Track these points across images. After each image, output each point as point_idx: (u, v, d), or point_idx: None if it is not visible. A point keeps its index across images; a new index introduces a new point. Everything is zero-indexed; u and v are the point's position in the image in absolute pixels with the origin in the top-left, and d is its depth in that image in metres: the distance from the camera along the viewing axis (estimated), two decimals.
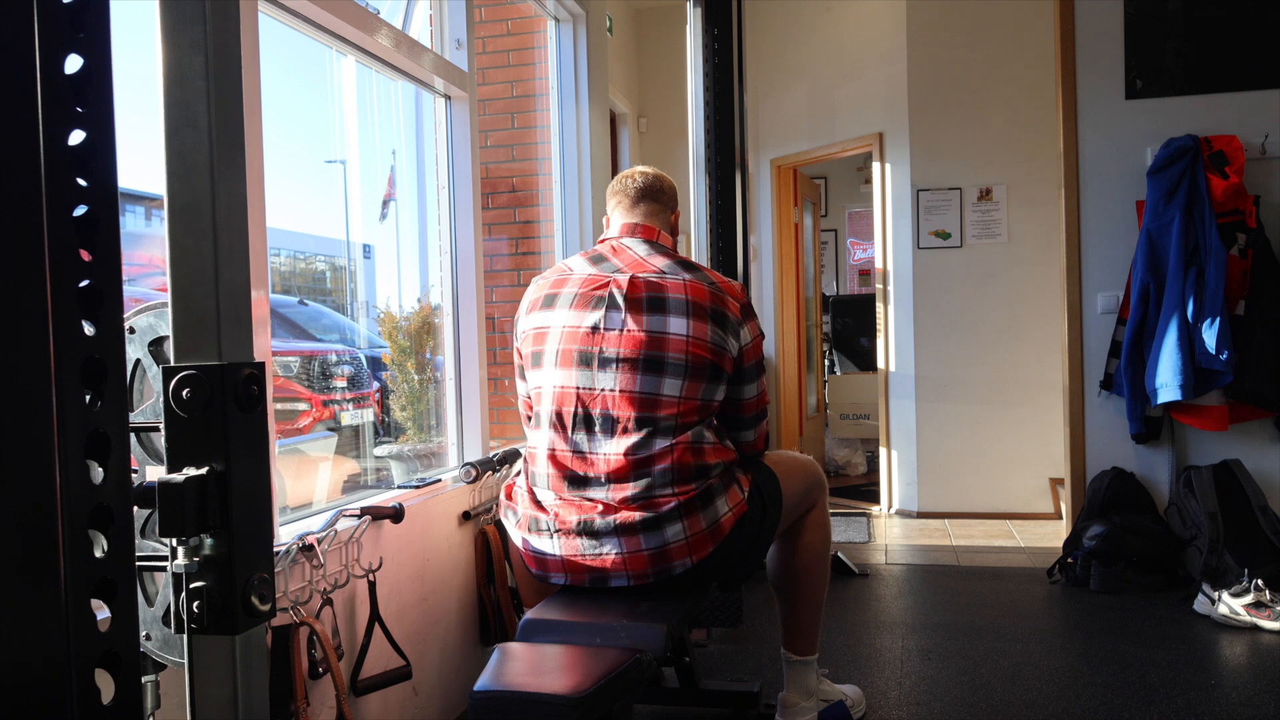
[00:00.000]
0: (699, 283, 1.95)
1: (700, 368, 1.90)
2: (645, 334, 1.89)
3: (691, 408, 1.90)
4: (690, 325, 1.90)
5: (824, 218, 8.25)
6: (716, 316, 1.93)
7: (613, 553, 1.88)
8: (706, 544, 1.89)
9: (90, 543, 0.62)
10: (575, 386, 1.92)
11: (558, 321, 1.96)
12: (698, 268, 2.00)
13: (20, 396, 0.58)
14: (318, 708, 1.92)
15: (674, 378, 1.89)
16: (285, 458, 2.59)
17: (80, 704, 0.60)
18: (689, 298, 1.92)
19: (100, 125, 0.63)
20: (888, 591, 3.65)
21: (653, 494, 1.87)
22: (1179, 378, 3.51)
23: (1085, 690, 2.58)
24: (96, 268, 0.63)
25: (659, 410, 1.88)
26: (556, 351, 1.95)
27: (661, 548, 1.87)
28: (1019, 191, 4.88)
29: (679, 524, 1.87)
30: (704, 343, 1.91)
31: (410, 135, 3.04)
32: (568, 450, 1.92)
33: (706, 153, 3.29)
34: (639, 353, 1.89)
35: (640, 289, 1.93)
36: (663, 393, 1.88)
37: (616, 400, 1.89)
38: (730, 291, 1.99)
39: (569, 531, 1.89)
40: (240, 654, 0.74)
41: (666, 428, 1.89)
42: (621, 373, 1.89)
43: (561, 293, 1.98)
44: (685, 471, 1.88)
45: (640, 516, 1.86)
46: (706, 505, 1.90)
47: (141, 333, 1.18)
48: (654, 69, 5.76)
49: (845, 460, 6.52)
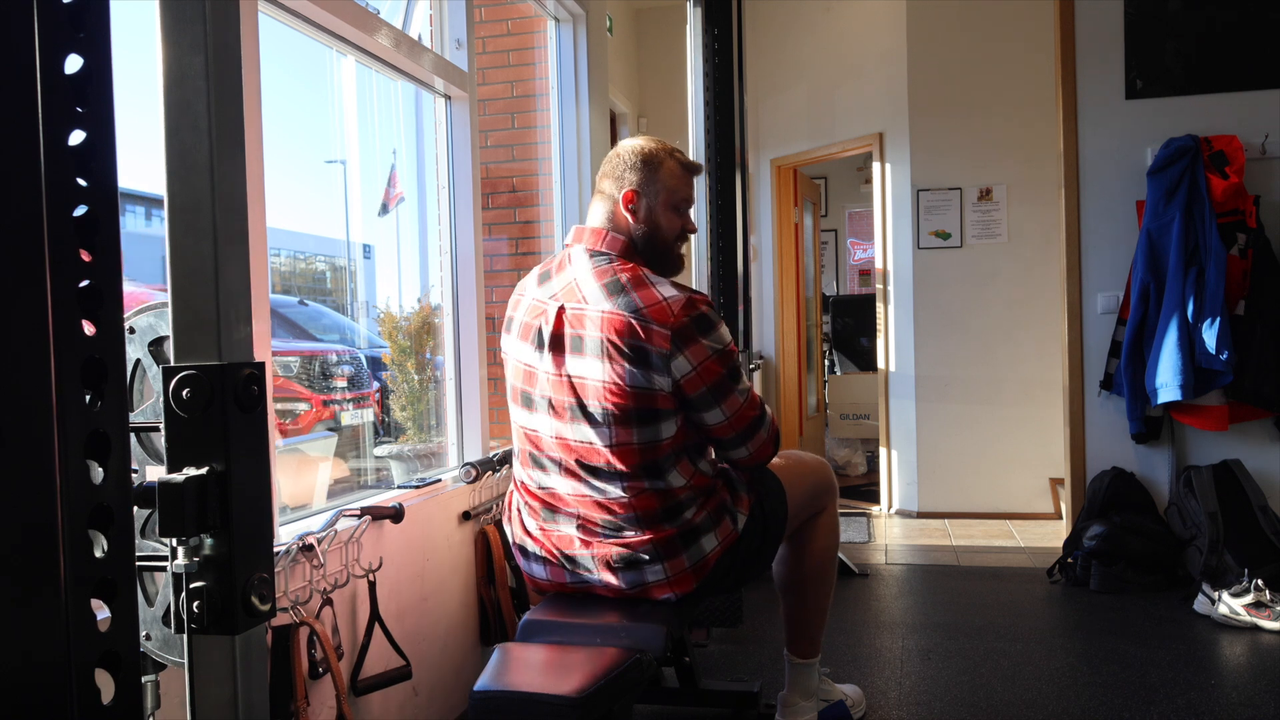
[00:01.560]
0: (619, 315, 1.73)
1: (625, 414, 1.74)
2: (567, 379, 1.78)
3: (630, 453, 1.76)
4: (606, 369, 1.73)
5: (824, 218, 8.25)
6: (635, 354, 1.72)
7: (596, 581, 1.84)
8: (690, 581, 1.80)
9: (90, 543, 0.62)
10: (523, 426, 1.88)
11: (511, 351, 1.91)
12: (627, 288, 1.76)
13: (20, 396, 0.58)
14: (318, 708, 1.92)
15: (602, 426, 1.75)
16: (285, 457, 2.59)
17: (80, 704, 0.60)
18: (604, 337, 1.74)
19: (100, 125, 0.63)
20: (888, 591, 3.65)
21: (623, 535, 1.79)
22: (1179, 377, 3.51)
23: (1085, 690, 2.58)
24: (96, 268, 0.63)
25: (597, 460, 1.78)
26: (511, 386, 1.92)
27: (641, 585, 1.80)
28: (1019, 191, 4.88)
29: (659, 565, 1.78)
30: (621, 388, 1.73)
31: (410, 135, 3.05)
32: (535, 483, 1.88)
33: (706, 153, 3.29)
34: (565, 399, 1.78)
35: (562, 325, 1.80)
36: (595, 443, 1.77)
37: (557, 445, 1.81)
38: (659, 318, 1.72)
39: (555, 562, 1.86)
40: (240, 654, 0.74)
41: (612, 475, 1.77)
42: (555, 419, 1.80)
43: (515, 318, 1.92)
44: (651, 516, 1.78)
45: (616, 554, 1.79)
46: (690, 544, 1.80)
47: (141, 333, 1.18)
48: (654, 69, 5.76)
49: (845, 460, 6.51)
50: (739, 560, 1.87)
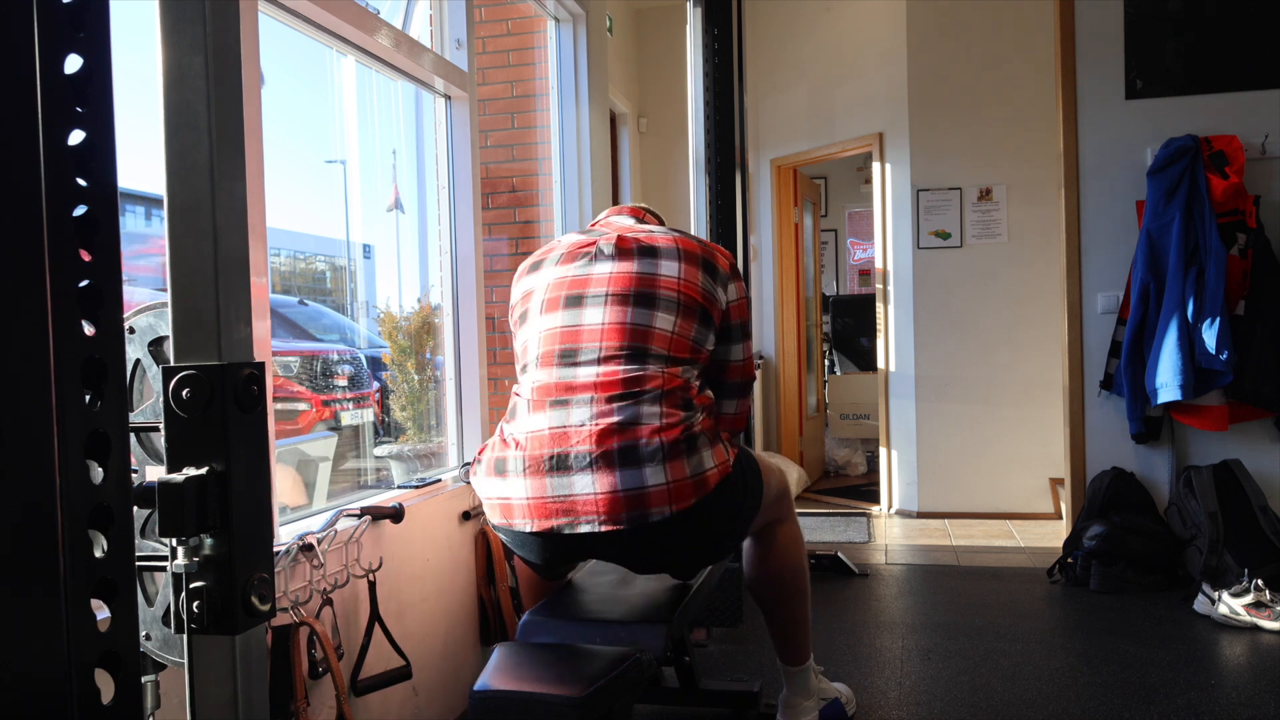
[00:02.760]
0: (687, 239, 1.96)
1: (692, 307, 1.87)
2: (636, 274, 1.88)
3: (684, 344, 1.85)
4: (682, 268, 1.90)
5: (824, 218, 8.25)
6: (707, 265, 1.93)
7: (584, 492, 1.71)
8: (689, 494, 1.73)
9: (90, 543, 0.62)
10: (561, 326, 1.86)
11: (543, 279, 1.95)
12: (684, 232, 2.01)
13: (20, 396, 0.58)
14: (318, 708, 1.92)
15: (667, 313, 1.85)
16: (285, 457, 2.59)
17: (80, 704, 0.60)
18: (679, 246, 1.93)
19: (100, 125, 0.63)
20: (888, 591, 3.65)
21: (638, 418, 1.73)
22: (1179, 378, 3.51)
23: (1085, 690, 2.58)
24: (96, 268, 0.63)
25: (651, 341, 1.82)
26: (542, 301, 1.92)
27: (639, 490, 1.70)
28: (1019, 191, 4.88)
29: (660, 466, 1.71)
30: (695, 285, 1.89)
31: (410, 135, 3.05)
32: (552, 380, 1.82)
33: (706, 153, 3.29)
34: (630, 289, 1.86)
35: (629, 241, 1.94)
36: (655, 325, 1.83)
37: (606, 332, 1.82)
38: (717, 250, 2.00)
39: (538, 467, 1.74)
40: (240, 654, 0.74)
41: (658, 356, 1.81)
42: (611, 306, 1.84)
43: (548, 257, 1.99)
44: (674, 398, 1.78)
45: (619, 445, 1.71)
46: (691, 452, 1.75)
47: (141, 333, 1.18)
48: (654, 69, 5.76)
49: (845, 460, 6.51)
50: (726, 499, 1.82)
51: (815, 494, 5.83)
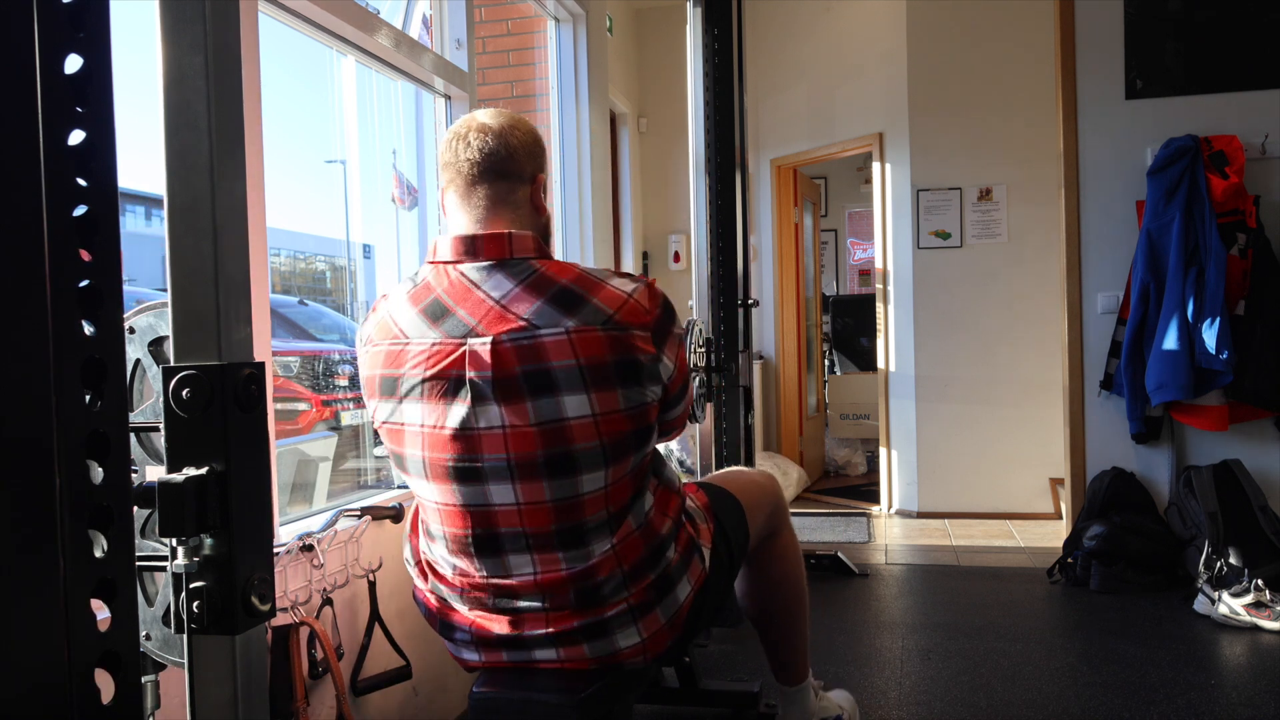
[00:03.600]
0: (589, 329, 1.40)
1: (623, 444, 1.45)
2: (536, 429, 1.40)
3: (623, 487, 1.48)
4: (594, 401, 1.41)
5: (824, 218, 8.25)
6: (625, 372, 1.42)
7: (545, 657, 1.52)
8: (665, 639, 1.53)
9: (90, 543, 0.62)
10: (462, 505, 1.47)
11: (411, 420, 1.46)
12: (583, 297, 1.42)
13: (20, 396, 0.58)
14: (318, 708, 1.92)
15: (593, 470, 1.44)
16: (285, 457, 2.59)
17: (80, 704, 0.60)
18: (582, 363, 1.39)
19: (100, 125, 0.63)
20: (888, 591, 3.65)
21: (601, 602, 1.49)
22: (1179, 377, 3.51)
23: (1085, 690, 2.58)
24: (96, 268, 0.63)
25: (584, 514, 1.45)
26: (423, 461, 1.47)
27: (611, 654, 1.51)
28: (1019, 191, 4.88)
29: (632, 628, 1.49)
30: (618, 415, 1.43)
31: (410, 135, 3.04)
32: (479, 578, 1.50)
33: (706, 153, 3.29)
34: (537, 454, 1.41)
35: (510, 363, 1.39)
36: (584, 491, 1.44)
37: (525, 515, 1.44)
38: (634, 317, 1.43)
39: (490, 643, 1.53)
40: (240, 654, 0.74)
41: (599, 526, 1.46)
42: (520, 484, 1.43)
43: (403, 375, 1.45)
44: (639, 566, 1.49)
45: (582, 625, 1.48)
46: (665, 595, 1.52)
47: (141, 332, 1.18)
48: (654, 69, 5.76)
49: (845, 460, 6.51)
50: (707, 602, 1.61)
51: (815, 494, 5.83)
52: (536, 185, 1.54)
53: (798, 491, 5.68)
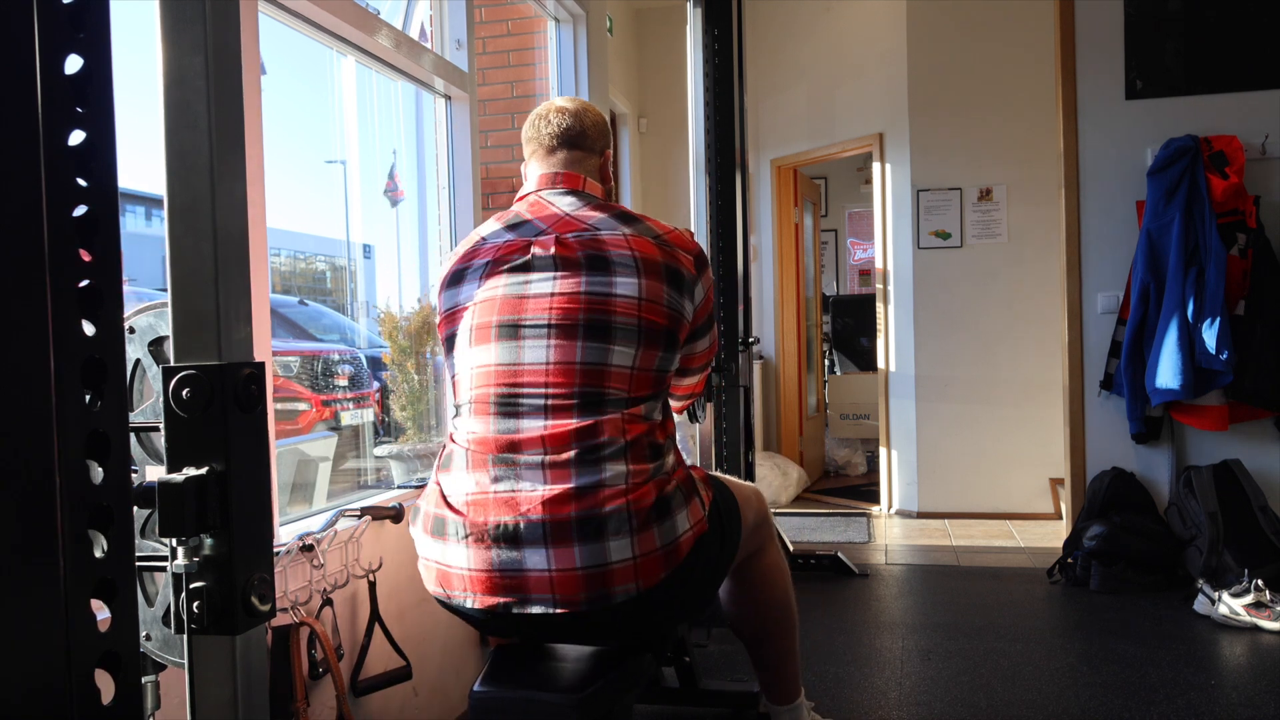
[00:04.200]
0: (643, 237, 1.61)
1: (656, 333, 1.57)
2: (585, 296, 1.55)
3: (647, 380, 1.57)
4: (643, 285, 1.57)
5: (824, 218, 8.25)
6: (671, 275, 1.60)
7: (537, 568, 1.47)
8: (658, 569, 1.50)
9: (90, 543, 0.62)
10: (495, 364, 1.56)
11: (469, 297, 1.62)
12: (639, 219, 1.65)
13: (20, 396, 0.58)
14: (318, 708, 1.92)
15: (625, 345, 1.54)
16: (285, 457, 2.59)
17: (80, 704, 0.60)
18: (636, 254, 1.59)
19: (100, 125, 0.63)
20: (888, 591, 3.65)
21: (600, 482, 1.48)
22: (1179, 377, 3.51)
23: (1085, 690, 2.58)
24: (96, 268, 0.63)
25: (607, 383, 1.53)
26: (470, 329, 1.60)
27: (601, 567, 1.46)
28: (1019, 191, 4.88)
29: (627, 539, 1.47)
30: (659, 306, 1.57)
31: (410, 135, 3.04)
32: (490, 434, 1.54)
33: (706, 153, 3.29)
34: (578, 316, 1.54)
35: (573, 247, 1.59)
36: (612, 363, 1.53)
37: (551, 374, 1.52)
38: (680, 243, 1.65)
39: (482, 537, 1.49)
40: (240, 654, 0.74)
41: (616, 400, 1.53)
42: (555, 341, 1.53)
43: (472, 265, 1.64)
44: (640, 450, 1.52)
45: (577, 514, 1.46)
46: (663, 516, 1.51)
47: (141, 332, 1.18)
48: (654, 69, 5.76)
49: (845, 460, 6.52)
50: (701, 564, 1.60)
51: (815, 494, 5.83)
52: (605, 159, 1.79)
53: (798, 491, 5.68)
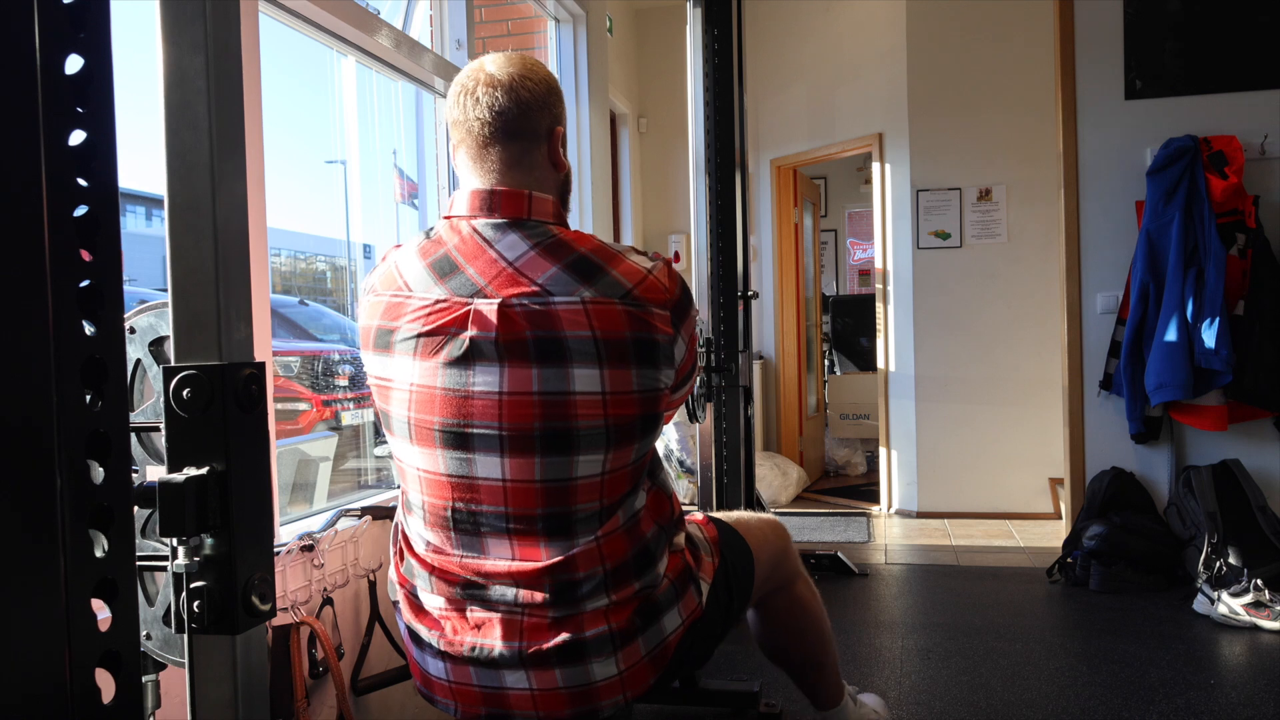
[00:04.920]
0: (606, 301, 1.29)
1: (628, 429, 1.33)
2: (539, 398, 1.28)
3: (621, 478, 1.35)
4: (605, 377, 1.29)
5: (824, 218, 8.25)
6: (643, 352, 1.31)
7: (517, 687, 1.35)
8: (646, 676, 1.39)
9: (90, 542, 0.62)
10: (446, 475, 1.33)
11: (402, 376, 1.33)
12: (602, 267, 1.31)
13: (20, 396, 0.58)
14: (318, 707, 1.92)
15: (591, 452, 1.31)
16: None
17: (80, 703, 0.60)
18: (598, 335, 1.28)
19: (100, 125, 0.63)
20: (887, 591, 3.65)
21: (579, 611, 1.33)
22: (1178, 377, 3.51)
23: (1085, 690, 2.58)
24: (97, 268, 0.63)
25: (575, 500, 1.32)
26: (409, 421, 1.34)
27: (585, 686, 1.34)
28: (1019, 191, 4.89)
29: (611, 659, 1.35)
30: (629, 396, 1.31)
31: (410, 135, 3.05)
32: (453, 557, 1.36)
33: (706, 153, 3.29)
34: (534, 427, 1.28)
35: (519, 326, 1.27)
36: (577, 475, 1.31)
37: (510, 494, 1.31)
38: (653, 295, 1.32)
39: (459, 656, 1.36)
40: (240, 654, 0.74)
41: (588, 517, 1.33)
42: (510, 457, 1.30)
43: (399, 327, 1.33)
44: (622, 569, 1.35)
45: (556, 644, 1.32)
46: (649, 624, 1.37)
47: (142, 332, 1.18)
48: (654, 69, 5.76)
49: (845, 460, 6.52)
50: (696, 641, 1.47)
51: (815, 494, 5.83)
52: (554, 140, 1.41)
53: (797, 491, 5.68)
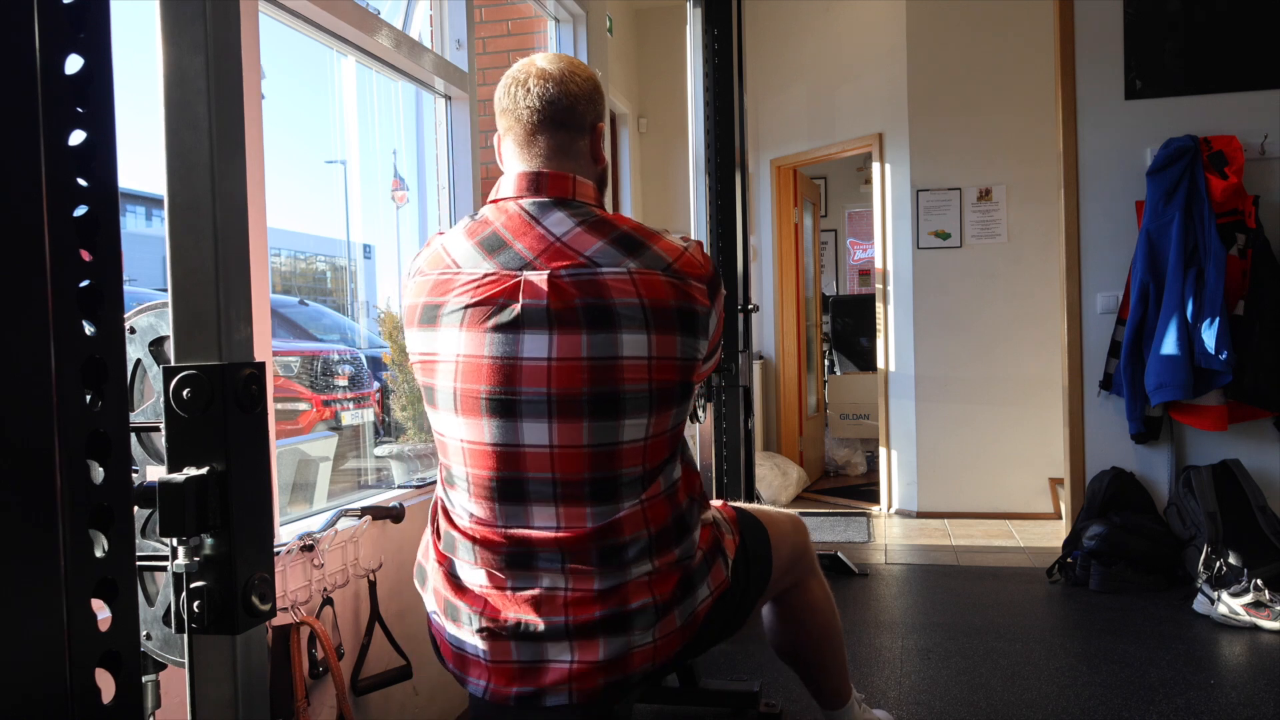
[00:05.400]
0: (651, 272, 1.34)
1: (669, 393, 1.38)
2: (587, 362, 1.32)
3: (661, 444, 1.40)
4: (653, 342, 1.34)
5: (824, 218, 8.25)
6: (685, 320, 1.36)
7: (559, 660, 1.36)
8: (675, 642, 1.43)
9: (91, 543, 0.62)
10: (491, 444, 1.36)
11: (448, 348, 1.36)
12: (645, 242, 1.37)
13: (21, 396, 0.58)
14: (318, 707, 1.92)
15: (637, 416, 1.35)
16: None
17: (80, 703, 0.60)
18: (644, 302, 1.33)
19: (100, 125, 0.63)
20: (887, 591, 3.65)
21: (625, 580, 1.37)
22: (1178, 377, 3.51)
23: (1085, 690, 2.58)
24: (97, 268, 0.63)
25: (621, 465, 1.36)
26: (454, 392, 1.37)
27: (624, 654, 1.38)
28: (1019, 191, 4.89)
29: (650, 629, 1.39)
30: (673, 362, 1.36)
31: (410, 135, 3.05)
32: (497, 526, 1.38)
33: (706, 153, 3.29)
34: (582, 390, 1.32)
35: (570, 294, 1.32)
36: (623, 439, 1.35)
37: (557, 460, 1.34)
38: (693, 270, 1.38)
39: (500, 632, 1.37)
40: (240, 654, 0.74)
41: (632, 481, 1.37)
42: (559, 422, 1.33)
43: (447, 302, 1.37)
44: (665, 534, 1.40)
45: (602, 615, 1.36)
46: (686, 594, 1.43)
47: (142, 332, 1.18)
48: (654, 69, 5.76)
49: (845, 460, 6.52)
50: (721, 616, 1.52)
51: (815, 494, 5.83)
52: (596, 134, 1.48)
53: (797, 491, 5.68)
